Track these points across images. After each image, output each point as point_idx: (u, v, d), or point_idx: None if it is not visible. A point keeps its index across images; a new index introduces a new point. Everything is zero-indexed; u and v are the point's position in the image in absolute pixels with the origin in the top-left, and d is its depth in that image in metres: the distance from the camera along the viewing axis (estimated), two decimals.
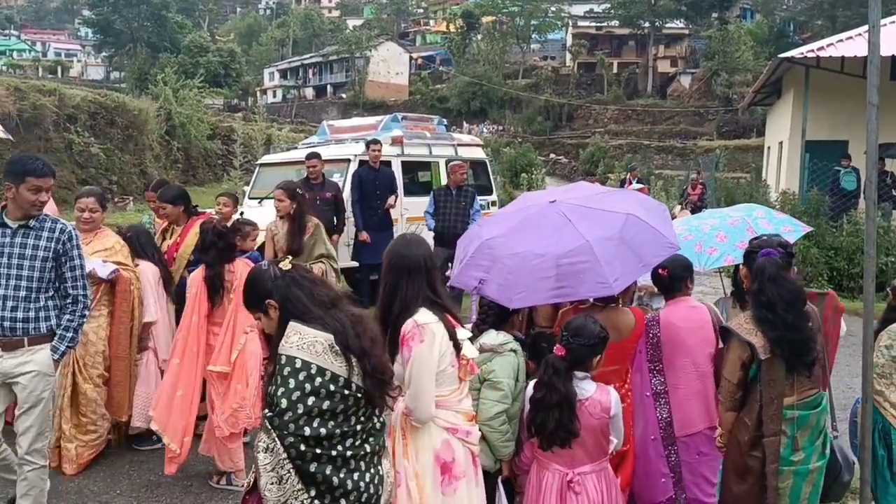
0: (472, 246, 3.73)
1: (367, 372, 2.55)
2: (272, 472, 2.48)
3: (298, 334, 2.54)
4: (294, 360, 2.49)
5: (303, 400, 2.45)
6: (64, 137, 18.28)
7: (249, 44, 76.97)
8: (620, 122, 52.82)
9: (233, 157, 22.74)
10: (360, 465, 2.56)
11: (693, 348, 3.89)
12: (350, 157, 10.07)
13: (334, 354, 2.52)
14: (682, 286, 4.02)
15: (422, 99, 61.44)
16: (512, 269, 3.42)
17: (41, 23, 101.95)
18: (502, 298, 3.46)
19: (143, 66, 51.62)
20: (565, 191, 4.16)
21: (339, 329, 2.55)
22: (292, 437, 2.44)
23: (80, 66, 79.08)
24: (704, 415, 3.87)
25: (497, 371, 3.38)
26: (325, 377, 2.48)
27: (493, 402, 3.35)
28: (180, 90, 24.55)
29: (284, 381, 2.49)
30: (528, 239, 3.52)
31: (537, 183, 24.63)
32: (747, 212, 5.00)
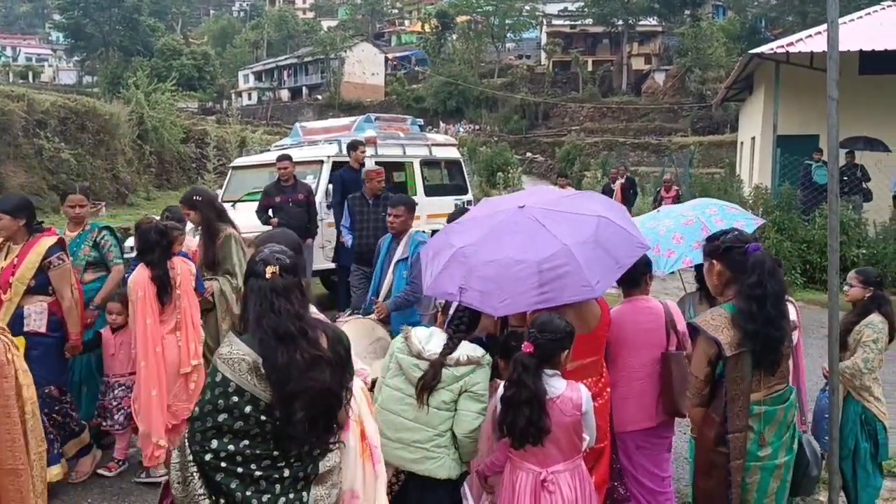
0: (443, 255, 3.71)
1: (286, 418, 2.39)
2: (178, 471, 2.43)
3: (230, 346, 2.46)
4: (216, 373, 2.42)
5: (213, 415, 2.37)
6: (34, 143, 18.05)
7: (223, 46, 76.51)
8: (596, 119, 53.08)
9: (206, 160, 22.61)
10: (272, 489, 2.42)
11: (639, 348, 3.91)
12: (323, 159, 10.03)
13: (258, 377, 2.39)
14: (642, 282, 4.03)
15: (398, 99, 61.37)
16: (492, 276, 3.41)
17: (11, 27, 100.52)
18: (485, 306, 3.45)
19: (116, 70, 51.19)
20: (530, 195, 4.17)
21: (280, 364, 2.37)
22: (198, 445, 2.38)
23: (51, 70, 78.14)
24: (641, 415, 3.90)
25: (481, 383, 3.35)
26: (244, 398, 2.38)
27: (475, 413, 3.33)
28: (153, 94, 24.32)
29: (205, 389, 2.44)
30: (505, 246, 3.51)
31: (514, 182, 24.68)
32: (701, 210, 5.02)
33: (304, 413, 2.37)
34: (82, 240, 5.46)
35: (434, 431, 3.32)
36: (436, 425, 3.32)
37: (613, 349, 3.91)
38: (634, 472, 3.97)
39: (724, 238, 3.40)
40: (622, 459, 3.99)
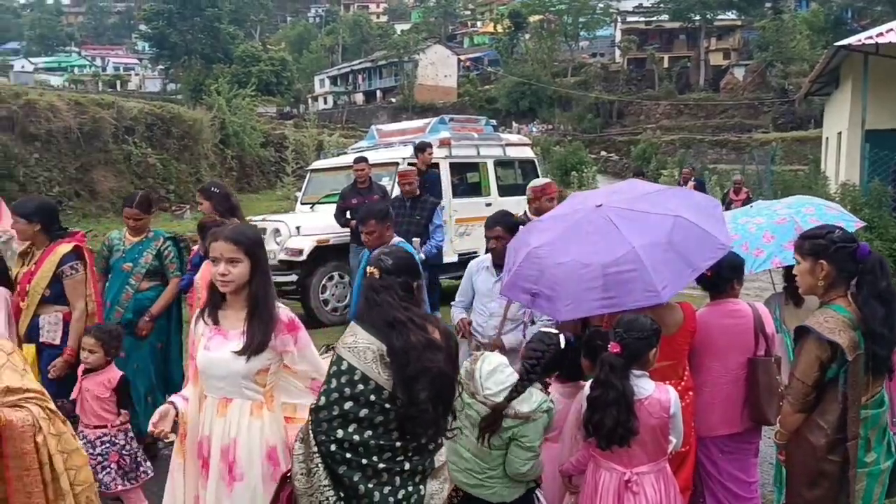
0: (521, 254, 3.65)
1: (410, 400, 2.46)
2: (302, 462, 2.48)
3: (354, 336, 2.54)
4: (342, 361, 2.49)
5: (339, 403, 2.44)
6: (123, 149, 18.82)
7: (300, 52, 78.02)
8: (672, 117, 52.00)
9: (285, 163, 23.12)
10: (393, 480, 2.47)
11: (725, 353, 3.77)
12: (398, 161, 10.14)
13: (383, 366, 2.47)
14: (728, 287, 3.87)
15: (470, 100, 61.44)
16: (559, 279, 3.34)
17: (100, 38, 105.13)
18: (551, 311, 3.40)
19: (198, 78, 52.79)
20: (613, 191, 4.05)
21: (397, 347, 2.47)
22: (324, 435, 2.44)
23: (137, 79, 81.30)
24: (727, 420, 3.77)
25: (530, 436, 3.20)
26: (369, 386, 2.45)
27: (523, 461, 3.22)
28: (233, 99, 25.05)
29: (329, 378, 2.51)
30: (575, 247, 3.43)
31: (588, 181, 24.42)
32: (796, 208, 4.80)
33: (426, 393, 2.44)
34: (145, 247, 5.32)
35: (487, 466, 3.25)
36: (489, 461, 3.25)
37: (698, 353, 3.79)
38: (720, 477, 3.84)
39: (833, 236, 3.19)
40: (706, 464, 3.87)
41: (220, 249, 2.85)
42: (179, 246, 5.58)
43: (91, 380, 4.27)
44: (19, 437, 2.52)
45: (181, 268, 5.48)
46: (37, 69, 75.35)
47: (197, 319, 3.03)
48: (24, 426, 2.53)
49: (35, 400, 2.64)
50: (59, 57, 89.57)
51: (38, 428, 2.58)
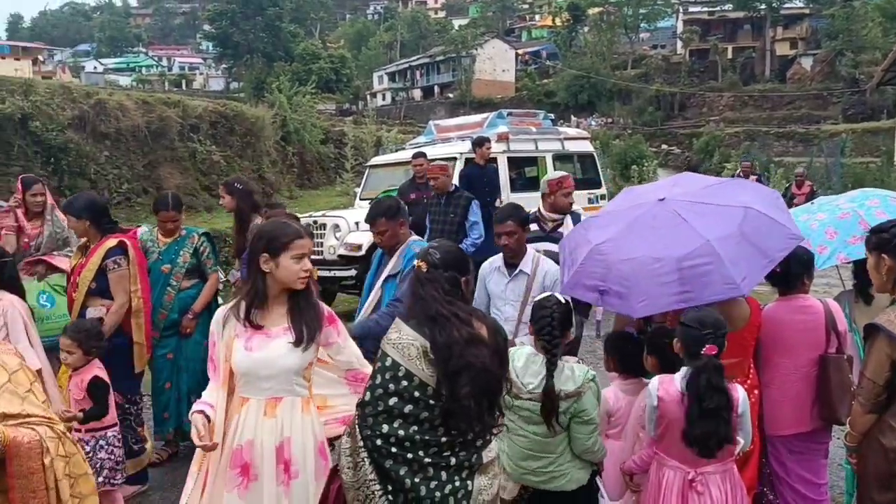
0: (581, 252, 3.59)
1: (452, 395, 2.44)
2: (349, 456, 2.50)
3: (398, 332, 2.54)
4: (386, 358, 2.50)
5: (384, 399, 2.45)
6: (188, 146, 19.27)
7: (359, 49, 78.74)
8: (736, 109, 50.78)
9: (344, 160, 23.36)
10: (440, 475, 2.46)
11: (795, 350, 3.66)
12: (456, 156, 10.15)
13: (427, 362, 2.46)
14: (798, 283, 3.76)
15: (528, 94, 61.08)
16: (629, 275, 3.27)
17: (166, 39, 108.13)
18: (624, 308, 3.34)
19: (260, 76, 53.73)
20: (673, 184, 3.95)
21: (440, 342, 2.45)
22: (369, 430, 2.45)
23: (201, 78, 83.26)
24: (796, 419, 3.66)
25: (587, 409, 3.18)
26: (413, 382, 2.45)
27: (587, 435, 3.21)
28: (294, 97, 25.39)
29: (374, 374, 2.52)
30: (643, 242, 3.36)
31: (648, 175, 24.01)
32: (860, 201, 4.61)
33: (468, 389, 2.42)
34: (181, 246, 5.31)
35: (553, 455, 3.23)
36: (553, 450, 3.23)
37: (767, 349, 3.70)
38: (788, 478, 3.73)
39: (894, 230, 3.10)
40: (774, 465, 3.77)
41: (307, 246, 2.89)
42: (213, 242, 5.59)
43: (72, 380, 4.20)
44: (26, 455, 2.30)
45: (217, 263, 5.53)
46: (106, 70, 77.88)
47: (225, 321, 2.88)
48: (31, 442, 2.31)
49: (39, 423, 2.39)
50: (127, 58, 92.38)
51: (46, 449, 2.34)
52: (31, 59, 63.21)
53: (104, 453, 4.15)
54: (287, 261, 2.81)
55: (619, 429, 3.64)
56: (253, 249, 2.88)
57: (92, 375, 4.13)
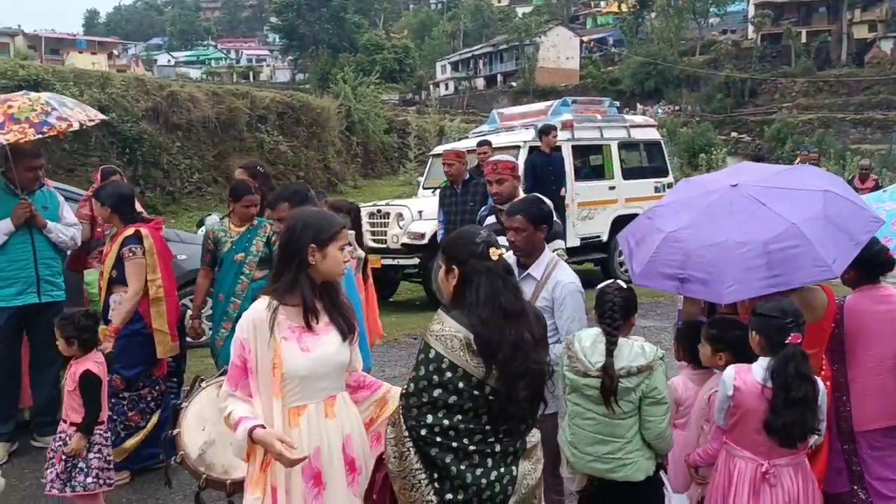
0: (651, 241, 3.53)
1: (510, 398, 2.44)
2: (394, 446, 2.50)
3: (441, 324, 2.52)
4: (429, 349, 2.48)
5: (428, 390, 2.43)
6: (256, 137, 19.69)
7: (422, 38, 78.93)
8: (810, 95, 49.10)
9: (407, 149, 23.52)
10: (485, 462, 2.46)
11: (878, 341, 3.52)
12: (520, 144, 10.12)
13: (471, 353, 2.44)
14: (878, 274, 3.63)
15: (593, 82, 60.28)
16: (713, 261, 3.21)
17: (234, 32, 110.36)
18: (709, 294, 3.28)
19: (325, 67, 54.45)
20: (737, 172, 3.87)
21: (487, 338, 2.43)
22: (413, 421, 2.45)
23: (268, 70, 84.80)
24: (881, 413, 3.52)
25: (659, 387, 3.13)
26: (457, 373, 2.43)
27: (660, 417, 3.15)
28: (358, 87, 25.66)
29: (417, 366, 2.50)
30: (723, 227, 3.29)
31: (717, 163, 23.47)
32: None
33: (527, 393, 2.43)
34: (254, 235, 5.18)
35: (623, 440, 3.17)
36: (622, 434, 3.17)
37: (849, 341, 3.57)
38: (867, 475, 3.60)
39: None
40: (853, 460, 3.65)
41: (347, 235, 2.86)
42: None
43: (69, 369, 4.07)
44: None
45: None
46: (177, 63, 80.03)
47: (272, 324, 2.58)
48: None
49: None
50: (197, 51, 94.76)
51: None
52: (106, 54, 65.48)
53: (92, 454, 3.98)
54: (335, 251, 2.66)
55: (686, 419, 3.59)
56: (294, 241, 2.65)
57: (84, 369, 3.97)
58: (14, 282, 5.09)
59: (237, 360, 2.59)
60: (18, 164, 5.06)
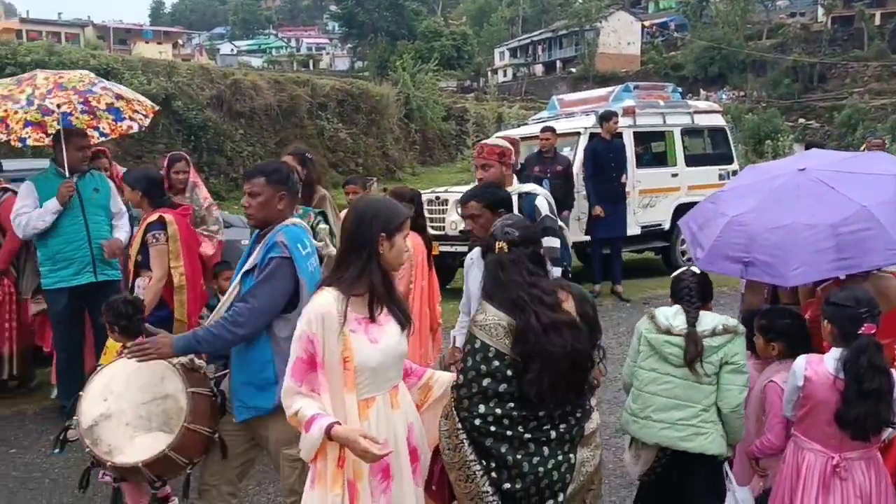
0: (715, 225, 3.51)
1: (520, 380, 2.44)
2: (448, 438, 2.52)
3: (484, 313, 2.54)
4: (475, 340, 2.50)
5: (477, 380, 2.45)
6: (316, 124, 19.95)
7: (481, 25, 78.49)
8: (884, 79, 47.25)
9: (465, 136, 23.50)
10: (541, 450, 2.46)
11: None
12: (580, 130, 10.02)
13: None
14: None
15: (654, 68, 59.18)
16: (779, 244, 3.17)
17: (295, 20, 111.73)
18: (774, 277, 3.24)
19: (383, 55, 54.68)
20: (803, 158, 3.83)
21: (518, 328, 2.45)
22: (466, 412, 2.46)
23: (328, 58, 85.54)
24: None
25: (740, 354, 3.16)
26: (504, 361, 2.44)
27: (740, 387, 3.17)
28: (417, 75, 25.72)
29: (465, 357, 2.52)
30: (790, 210, 3.25)
31: (783, 150, 22.83)
32: None
33: (534, 375, 2.41)
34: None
35: (699, 406, 3.18)
36: (700, 400, 3.18)
37: None
38: None
39: None
40: None
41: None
42: (329, 221, 5.33)
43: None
44: None
45: (333, 244, 5.16)
46: (239, 52, 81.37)
47: (341, 319, 2.48)
48: None
49: None
50: (258, 39, 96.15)
51: None
52: (171, 43, 67.04)
53: None
54: (401, 241, 2.60)
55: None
56: (364, 230, 2.55)
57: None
58: (70, 262, 5.27)
59: (303, 354, 2.46)
60: (68, 144, 5.23)
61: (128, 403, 3.15)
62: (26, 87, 5.25)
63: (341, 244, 2.67)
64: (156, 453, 3.04)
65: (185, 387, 3.15)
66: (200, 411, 3.15)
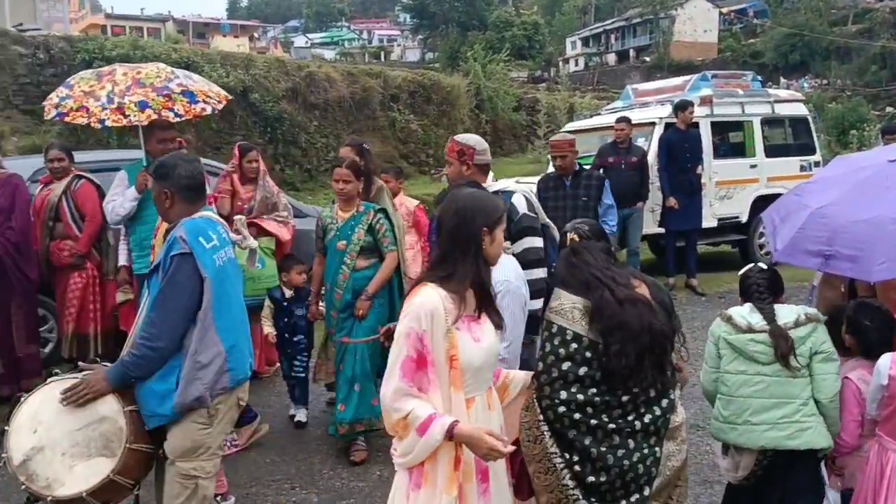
0: (797, 217, 3.42)
1: (606, 353, 2.42)
2: (528, 430, 2.50)
3: (559, 300, 2.54)
4: (551, 325, 2.50)
5: (557, 364, 2.44)
6: (388, 116, 20.09)
7: (552, 14, 77.64)
8: None
9: (536, 126, 23.33)
10: (626, 443, 2.42)
11: None
12: (655, 120, 9.87)
13: (592, 321, 2.45)
14: None
15: (732, 56, 57.53)
16: (863, 237, 3.08)
17: (367, 13, 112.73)
18: (858, 272, 3.16)
19: (454, 46, 54.60)
20: (894, 150, 3.72)
21: (593, 303, 2.46)
22: (548, 399, 2.45)
23: (399, 49, 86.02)
24: None
25: (827, 341, 3.13)
26: (582, 343, 2.43)
27: (834, 375, 3.13)
28: (488, 65, 25.64)
29: (543, 344, 2.53)
30: (877, 203, 3.15)
31: (869, 141, 21.89)
32: None
33: (619, 346, 2.39)
34: (357, 222, 5.04)
35: (799, 401, 3.12)
36: (797, 394, 3.13)
37: None
38: None
39: None
40: None
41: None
42: (391, 219, 5.19)
43: None
44: None
45: (396, 241, 5.13)
46: (313, 44, 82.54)
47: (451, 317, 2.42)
48: None
49: None
50: (331, 32, 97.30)
51: None
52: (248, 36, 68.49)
53: None
54: (500, 235, 2.54)
55: None
56: (467, 225, 2.48)
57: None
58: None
59: (412, 352, 2.38)
60: (150, 136, 5.42)
61: (60, 432, 2.95)
62: (106, 83, 5.46)
63: (441, 241, 2.57)
64: (100, 480, 2.88)
65: (122, 406, 3.00)
66: (139, 429, 3.03)
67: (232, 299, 3.22)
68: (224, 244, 3.21)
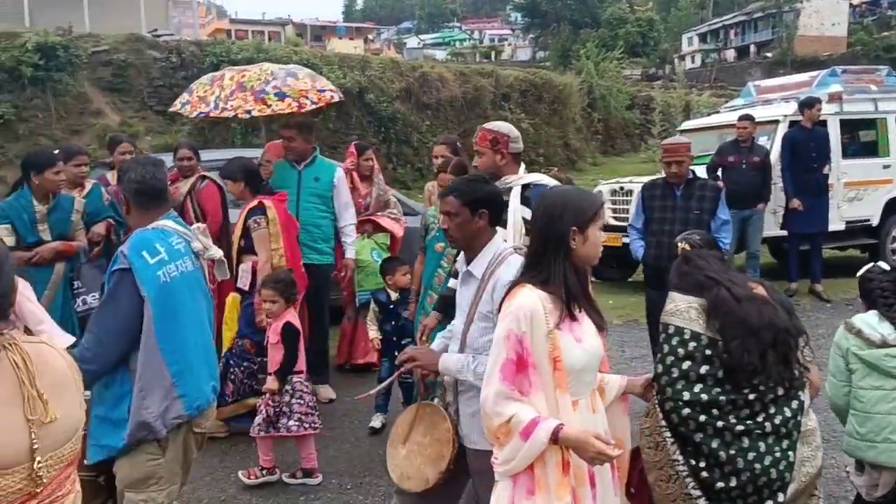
0: None
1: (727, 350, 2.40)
2: (649, 436, 2.48)
3: (673, 302, 2.55)
4: (668, 327, 2.50)
5: (677, 364, 2.42)
6: (499, 114, 20.12)
7: (668, 10, 75.63)
8: None
9: (650, 125, 22.83)
10: (756, 445, 2.35)
11: None
12: (779, 119, 9.48)
13: (710, 319, 2.45)
14: None
15: (863, 50, 54.24)
16: None
17: (478, 13, 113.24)
18: None
19: (566, 44, 54.06)
20: None
21: (710, 300, 2.48)
22: (671, 401, 2.41)
23: (509, 49, 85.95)
24: None
25: None
26: (701, 342, 2.41)
27: None
28: (601, 63, 25.29)
29: (661, 346, 2.52)
30: None
31: None
32: None
33: (739, 342, 2.37)
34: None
35: None
36: None
37: None
38: None
39: None
40: None
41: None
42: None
43: (270, 326, 4.62)
44: None
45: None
46: (425, 45, 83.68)
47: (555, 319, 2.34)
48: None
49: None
50: (443, 33, 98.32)
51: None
52: (362, 38, 70.18)
53: (294, 400, 4.46)
54: (595, 233, 2.39)
55: None
56: (554, 224, 2.39)
57: (285, 322, 4.51)
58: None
59: (513, 355, 2.30)
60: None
61: None
62: (216, 88, 5.82)
63: (532, 240, 2.51)
64: None
65: None
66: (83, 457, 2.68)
67: (183, 318, 2.94)
68: (176, 257, 2.93)
